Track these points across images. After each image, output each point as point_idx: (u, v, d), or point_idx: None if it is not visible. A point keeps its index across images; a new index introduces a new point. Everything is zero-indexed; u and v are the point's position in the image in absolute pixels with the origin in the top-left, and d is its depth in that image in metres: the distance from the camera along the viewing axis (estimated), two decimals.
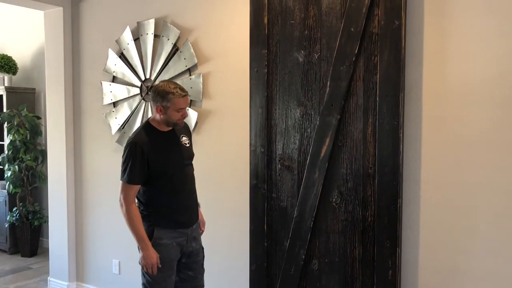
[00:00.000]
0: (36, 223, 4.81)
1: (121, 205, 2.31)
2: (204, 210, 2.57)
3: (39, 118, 4.95)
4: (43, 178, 4.72)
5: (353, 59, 2.38)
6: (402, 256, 2.36)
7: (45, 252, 4.70)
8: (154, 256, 2.31)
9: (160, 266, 2.33)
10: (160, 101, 2.28)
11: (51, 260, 4.01)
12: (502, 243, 2.14)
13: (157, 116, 2.36)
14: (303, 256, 2.58)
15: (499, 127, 2.13)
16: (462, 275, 2.24)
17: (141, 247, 2.31)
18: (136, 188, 2.32)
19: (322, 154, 2.51)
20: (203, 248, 2.57)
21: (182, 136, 2.46)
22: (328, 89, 2.47)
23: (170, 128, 2.40)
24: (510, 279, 2.12)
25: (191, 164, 2.52)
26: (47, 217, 4.10)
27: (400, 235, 2.33)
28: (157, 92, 2.30)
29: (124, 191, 2.31)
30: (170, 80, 2.65)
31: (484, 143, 2.16)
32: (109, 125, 3.54)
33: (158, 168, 2.32)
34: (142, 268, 2.37)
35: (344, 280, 2.48)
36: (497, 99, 2.13)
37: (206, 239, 2.56)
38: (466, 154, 2.21)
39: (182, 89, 2.31)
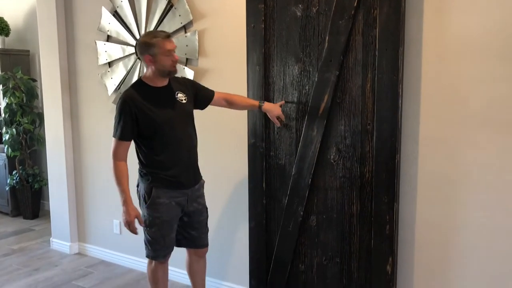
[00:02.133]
0: (36, 186, 4.84)
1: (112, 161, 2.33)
2: (204, 169, 2.56)
3: (34, 80, 4.89)
4: (41, 141, 4.71)
5: (352, 12, 2.32)
6: (400, 211, 2.39)
7: (47, 214, 4.76)
8: (132, 214, 2.32)
9: (142, 225, 2.37)
10: (147, 49, 2.25)
11: (53, 222, 4.06)
12: (497, 198, 2.15)
13: (149, 71, 2.32)
14: (302, 213, 2.61)
15: (499, 81, 2.10)
16: (458, 229, 2.27)
17: (122, 203, 2.32)
18: (125, 144, 2.31)
19: (320, 111, 2.49)
20: (206, 208, 2.57)
21: (178, 93, 2.39)
22: (326, 44, 2.42)
23: (165, 83, 2.36)
24: (505, 232, 2.15)
25: (189, 121, 2.45)
26: (47, 179, 4.12)
27: (397, 191, 2.34)
28: (142, 43, 2.28)
29: (113, 147, 2.31)
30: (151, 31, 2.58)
31: (484, 99, 2.14)
32: (105, 86, 3.50)
33: (148, 125, 2.28)
34: (146, 228, 2.39)
35: (341, 235, 2.52)
36: (497, 52, 2.09)
37: (206, 198, 2.57)
38: (465, 110, 2.19)
39: (164, 31, 2.30)
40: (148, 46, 2.24)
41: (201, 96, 2.52)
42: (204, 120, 2.74)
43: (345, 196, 2.48)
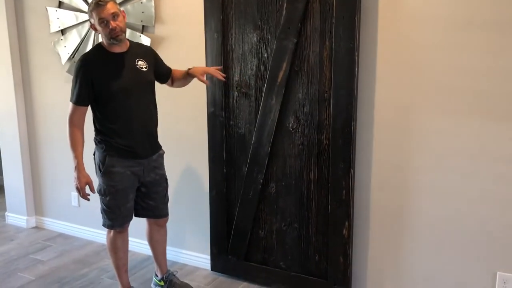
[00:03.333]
0: None
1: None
2: (163, 139, 2.54)
3: None
4: None
5: None
6: (356, 177, 2.46)
7: (1, 189, 4.60)
8: (82, 180, 2.30)
9: (94, 192, 2.35)
10: (90, 18, 2.23)
11: (7, 196, 3.94)
12: (448, 160, 2.25)
13: None
14: (261, 180, 2.64)
15: (451, 48, 2.16)
16: (410, 191, 2.36)
17: (74, 168, 2.29)
18: (82, 109, 2.27)
19: (279, 80, 2.49)
20: (166, 178, 2.55)
21: (138, 60, 2.33)
22: (284, 11, 2.41)
23: (124, 49, 2.30)
24: (454, 194, 2.26)
25: (148, 90, 2.40)
26: (0, 153, 3.97)
27: (353, 157, 2.40)
28: (88, 11, 2.25)
29: (70, 111, 2.27)
30: None
31: (437, 66, 2.20)
32: (58, 54, 3.37)
33: (103, 91, 2.24)
34: (101, 196, 2.37)
35: (300, 201, 2.57)
36: (449, 21, 2.14)
37: (166, 168, 2.55)
38: (420, 77, 2.25)
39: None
40: (90, 15, 2.23)
41: (160, 69, 2.49)
42: (163, 89, 2.69)
43: (303, 163, 2.53)
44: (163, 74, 2.52)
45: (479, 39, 2.09)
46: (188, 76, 2.51)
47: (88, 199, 2.35)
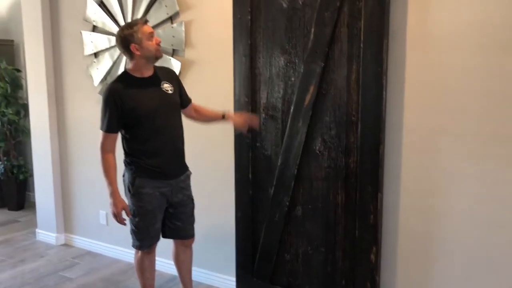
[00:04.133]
0: (21, 177, 4.80)
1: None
2: (189, 159, 2.57)
3: (19, 71, 4.83)
4: (26, 132, 4.67)
5: (338, 4, 2.34)
6: (384, 201, 2.43)
7: (32, 206, 4.72)
8: (118, 205, 2.34)
9: (130, 216, 2.39)
10: (131, 39, 2.25)
11: (38, 212, 4.04)
12: (479, 189, 2.20)
13: (134, 62, 2.32)
14: (287, 203, 2.63)
15: (481, 74, 2.13)
16: (440, 217, 2.31)
17: (109, 195, 2.34)
18: (113, 136, 2.33)
19: (306, 103, 2.51)
20: (192, 199, 2.57)
21: (164, 83, 2.39)
22: (312, 35, 2.44)
23: (150, 73, 2.36)
24: (486, 222, 2.20)
25: (174, 112, 2.44)
26: (32, 171, 4.09)
27: (381, 181, 2.38)
28: (124, 36, 2.27)
29: (101, 139, 2.33)
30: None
31: (466, 90, 2.17)
32: (91, 76, 3.48)
33: (132, 115, 2.29)
34: (130, 217, 2.41)
35: (326, 224, 2.55)
36: (478, 45, 2.12)
37: (193, 189, 2.58)
38: (448, 101, 2.23)
39: (141, 18, 2.29)
40: (131, 35, 2.25)
41: (181, 96, 2.52)
42: None
43: (330, 186, 2.52)
44: (183, 102, 2.54)
45: (510, 64, 2.06)
46: (221, 119, 2.56)
47: (125, 224, 2.39)
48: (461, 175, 2.23)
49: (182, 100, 2.52)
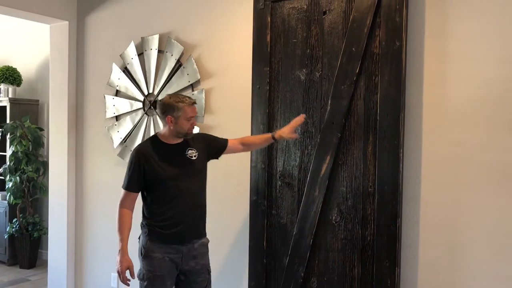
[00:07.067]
0: (35, 234, 4.80)
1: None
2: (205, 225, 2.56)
3: (41, 129, 4.97)
4: (44, 189, 4.73)
5: (354, 78, 2.40)
6: (401, 276, 2.36)
7: (44, 264, 4.69)
8: (124, 264, 2.33)
9: (134, 277, 2.37)
10: (171, 111, 2.32)
11: (50, 273, 4.00)
12: (500, 266, 2.13)
13: (165, 130, 2.39)
14: (302, 274, 2.57)
15: (498, 148, 2.14)
16: None
17: (118, 251, 2.34)
18: (132, 196, 2.36)
19: (322, 172, 2.52)
20: (208, 270, 2.51)
21: (188, 150, 2.42)
22: (329, 107, 2.49)
23: (179, 141, 2.42)
24: None
25: (196, 178, 2.44)
26: (47, 228, 4.10)
27: (399, 255, 2.32)
28: (167, 104, 2.34)
29: (122, 196, 2.37)
30: (176, 93, 2.66)
31: (483, 165, 2.17)
32: (111, 139, 3.57)
33: (152, 178, 2.33)
34: (139, 281, 2.38)
35: None
36: (495, 120, 2.14)
37: None
38: (465, 174, 2.22)
39: (190, 98, 2.37)
40: (173, 108, 2.32)
41: (214, 147, 2.56)
42: (207, 174, 2.76)
43: (346, 258, 2.46)
44: (220, 148, 2.57)
45: None
46: (272, 139, 2.55)
47: (128, 284, 2.36)
48: (483, 252, 2.17)
49: (219, 148, 2.56)
